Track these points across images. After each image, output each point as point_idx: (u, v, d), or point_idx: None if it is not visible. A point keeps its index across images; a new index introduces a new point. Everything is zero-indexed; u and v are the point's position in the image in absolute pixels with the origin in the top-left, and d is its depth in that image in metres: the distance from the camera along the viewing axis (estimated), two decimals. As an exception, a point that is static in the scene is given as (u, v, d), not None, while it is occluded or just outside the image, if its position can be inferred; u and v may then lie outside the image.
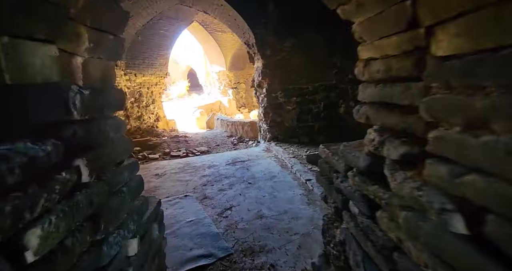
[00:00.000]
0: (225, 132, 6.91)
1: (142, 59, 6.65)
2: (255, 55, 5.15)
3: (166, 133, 6.79)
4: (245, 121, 6.13)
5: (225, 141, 6.21)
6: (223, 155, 4.51)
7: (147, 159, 4.67)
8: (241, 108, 11.17)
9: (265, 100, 5.03)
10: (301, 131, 4.95)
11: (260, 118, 5.51)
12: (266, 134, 5.20)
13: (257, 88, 5.38)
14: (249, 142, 5.89)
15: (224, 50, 10.00)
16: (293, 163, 3.53)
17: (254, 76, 5.47)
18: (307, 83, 4.84)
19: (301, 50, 4.66)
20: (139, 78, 6.72)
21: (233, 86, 11.07)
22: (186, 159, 4.52)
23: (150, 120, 7.27)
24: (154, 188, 3.13)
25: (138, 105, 6.77)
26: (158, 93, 7.52)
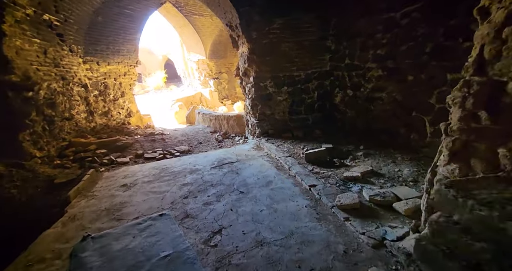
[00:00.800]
0: (208, 127, 6.22)
1: (106, 45, 5.67)
2: (239, 38, 4.48)
3: (139, 131, 5.96)
4: (230, 115, 5.49)
5: (208, 137, 5.54)
6: (207, 155, 3.88)
7: (115, 163, 3.91)
8: (224, 100, 10.43)
9: (253, 90, 4.42)
10: (293, 125, 4.44)
11: (248, 112, 4.91)
12: (255, 129, 4.63)
13: (243, 77, 4.74)
14: (235, 138, 5.28)
15: (202, 36, 9.10)
16: (290, 163, 3.01)
17: (239, 64, 4.80)
18: (299, 70, 4.29)
19: (291, 32, 4.06)
20: (103, 68, 5.76)
21: (215, 77, 10.25)
22: (163, 161, 3.83)
23: (120, 117, 6.37)
24: (120, 205, 2.46)
25: (103, 99, 5.84)
26: (128, 84, 6.58)
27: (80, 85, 5.02)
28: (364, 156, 2.96)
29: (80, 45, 4.98)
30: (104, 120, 5.85)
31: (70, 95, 4.64)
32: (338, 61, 4.05)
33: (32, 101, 3.47)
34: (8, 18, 3.01)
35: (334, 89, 4.26)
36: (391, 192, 1.98)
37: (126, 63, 6.44)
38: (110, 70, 5.98)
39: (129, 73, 6.56)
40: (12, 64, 3.13)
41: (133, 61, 6.61)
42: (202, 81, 10.35)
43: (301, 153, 3.33)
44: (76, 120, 4.82)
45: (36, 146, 3.56)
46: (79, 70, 5.03)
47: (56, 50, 4.23)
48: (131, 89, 6.74)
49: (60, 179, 2.93)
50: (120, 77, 6.32)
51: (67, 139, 4.40)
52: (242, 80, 4.91)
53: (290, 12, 3.89)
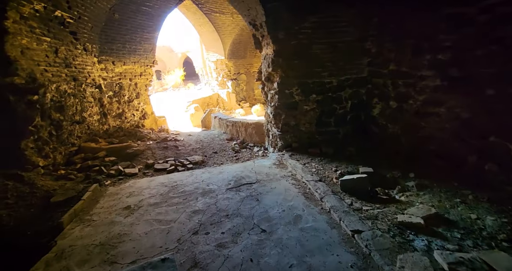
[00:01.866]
0: (224, 134, 5.80)
1: (122, 44, 5.41)
2: (263, 39, 3.98)
3: (152, 135, 5.66)
4: (248, 122, 5.02)
5: (224, 146, 5.11)
6: (222, 171, 3.43)
7: (123, 175, 3.57)
8: (241, 102, 10.00)
9: (276, 98, 3.91)
10: (321, 138, 3.88)
11: (269, 120, 4.41)
12: (277, 141, 4.12)
13: (266, 83, 4.24)
14: (254, 148, 4.81)
15: (222, 35, 8.70)
16: (322, 191, 2.47)
17: (262, 67, 4.31)
18: (331, 76, 3.72)
19: (324, 32, 3.50)
20: (119, 68, 5.50)
21: (233, 77, 9.84)
22: (174, 175, 3.43)
23: (134, 119, 6.12)
24: (117, 239, 2.05)
25: (118, 100, 5.59)
26: (143, 85, 6.32)
27: (94, 86, 4.77)
28: (417, 187, 2.36)
29: (95, 44, 4.73)
30: (117, 122, 5.61)
31: (82, 97, 4.39)
32: (379, 66, 3.43)
33: (37, 105, 3.19)
34: (12, 14, 2.72)
35: (371, 99, 3.64)
36: (480, 258, 1.40)
37: (143, 63, 6.16)
38: (126, 70, 5.72)
39: (145, 74, 6.29)
40: (16, 65, 2.84)
41: (149, 61, 6.33)
42: (220, 82, 9.98)
43: (334, 177, 2.77)
44: (88, 123, 4.57)
45: (40, 153, 3.28)
46: (93, 70, 4.78)
47: (69, 49, 3.97)
48: (146, 90, 6.47)
49: (58, 197, 2.60)
50: (136, 77, 6.06)
51: (76, 144, 4.14)
52: (264, 86, 4.41)
53: (326, 8, 3.33)
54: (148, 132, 5.81)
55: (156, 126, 6.69)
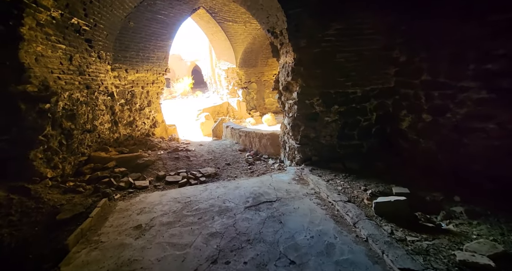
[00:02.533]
0: (237, 144, 5.59)
1: (136, 51, 5.36)
2: (282, 47, 3.82)
3: (163, 145, 5.50)
4: (263, 133, 4.81)
5: (237, 157, 4.89)
6: (238, 186, 3.19)
7: (133, 187, 3.38)
8: (251, 111, 9.85)
9: (295, 108, 3.70)
10: (343, 152, 3.62)
11: (285, 132, 4.19)
12: (295, 154, 3.88)
13: (283, 92, 4.04)
14: (269, 161, 4.57)
15: (234, 43, 8.67)
16: (354, 215, 2.20)
17: (279, 76, 4.13)
18: (355, 86, 3.50)
19: (349, 39, 3.31)
20: (132, 75, 5.43)
21: (243, 86, 9.74)
22: (186, 190, 3.21)
23: (145, 127, 6.00)
24: (128, 265, 1.83)
25: (129, 108, 5.49)
26: (155, 93, 6.23)
27: (106, 94, 4.68)
28: (467, 214, 2.06)
29: (109, 51, 4.67)
30: (128, 130, 5.49)
31: (94, 105, 4.28)
32: (408, 76, 3.19)
33: (48, 114, 3.07)
34: (28, 20, 2.63)
35: (399, 111, 3.38)
36: None
37: (155, 71, 6.10)
38: (138, 78, 5.65)
39: (157, 82, 6.22)
40: (29, 73, 2.73)
41: (162, 69, 6.27)
42: (231, 90, 9.88)
43: (365, 198, 2.50)
44: (99, 131, 4.45)
45: (49, 164, 3.13)
46: (106, 78, 4.70)
47: (83, 57, 3.89)
48: (158, 98, 6.38)
49: (65, 213, 2.41)
50: (148, 85, 5.98)
51: (86, 153, 3.99)
52: (281, 95, 4.22)
53: (352, 14, 3.15)
54: (159, 141, 5.66)
55: (167, 135, 6.55)
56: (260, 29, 8.09)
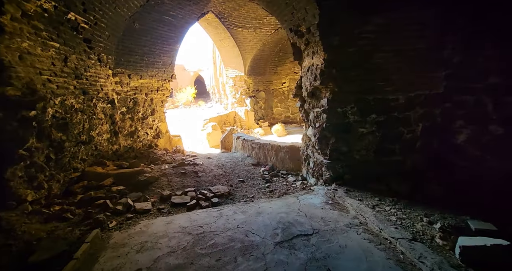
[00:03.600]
0: (249, 157, 5.03)
1: (140, 56, 4.92)
2: (308, 47, 3.34)
3: (167, 157, 4.95)
4: (281, 146, 4.26)
5: (251, 172, 4.31)
6: (261, 212, 2.61)
7: (132, 211, 2.80)
8: (260, 121, 9.35)
9: (324, 117, 3.17)
10: (382, 170, 3.05)
11: (309, 144, 3.64)
12: (322, 170, 3.31)
13: (308, 99, 3.53)
14: (288, 177, 3.98)
15: (243, 50, 8.30)
16: (433, 265, 1.60)
17: (303, 81, 3.64)
18: (396, 92, 2.97)
19: (391, 37, 2.82)
20: (135, 81, 4.97)
21: (252, 95, 9.30)
22: (197, 216, 2.63)
23: (148, 137, 5.47)
24: None
25: (131, 117, 4.98)
26: (159, 101, 5.75)
27: (106, 101, 4.19)
28: None
29: (111, 54, 4.22)
30: (129, 141, 4.95)
31: (91, 113, 3.78)
32: (465, 80, 2.67)
33: (33, 123, 2.55)
34: (10, 9, 2.16)
35: (452, 122, 2.83)
36: None
37: (160, 77, 5.65)
38: (142, 85, 5.19)
39: (162, 89, 5.75)
40: (9, 72, 2.24)
41: (168, 75, 5.82)
42: (238, 99, 9.44)
43: (437, 236, 1.90)
44: (96, 143, 3.91)
45: (31, 183, 2.57)
46: (107, 84, 4.23)
47: (81, 59, 3.43)
48: (162, 106, 5.90)
49: (41, 254, 1.82)
50: (152, 92, 5.51)
51: (79, 169, 3.44)
52: (304, 103, 3.71)
53: (396, 7, 2.68)
54: (162, 153, 5.11)
55: (171, 147, 6.01)
56: (271, 35, 7.75)
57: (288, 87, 10.13)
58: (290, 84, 10.13)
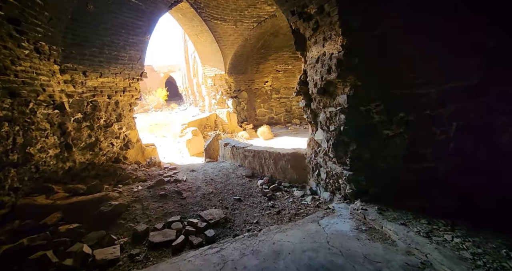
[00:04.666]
0: (241, 167, 4.28)
1: (99, 48, 3.91)
2: (318, 31, 2.71)
3: (141, 173, 4.00)
4: (281, 153, 3.59)
5: (247, 187, 3.58)
6: (279, 252, 1.90)
7: (91, 265, 1.90)
8: (243, 123, 8.62)
9: (342, 118, 2.57)
10: (412, 180, 2.52)
11: (319, 151, 3.03)
12: (339, 183, 2.71)
13: (318, 97, 2.91)
14: (293, 191, 3.33)
15: (223, 46, 7.51)
16: None
17: (310, 75, 3.01)
18: (425, 84, 2.46)
19: (421, 17, 2.30)
20: (93, 80, 3.95)
21: (233, 95, 8.53)
22: (189, 264, 1.83)
23: (113, 149, 4.44)
24: None
25: (90, 125, 3.95)
26: (127, 104, 4.75)
27: (51, 105, 3.16)
28: None
29: (55, 44, 3.20)
30: (88, 156, 3.91)
31: (28, 123, 2.75)
32: (509, 68, 2.24)
33: None
34: None
35: (492, 120, 2.40)
36: None
37: (127, 75, 4.65)
38: (103, 85, 4.17)
39: (130, 89, 4.75)
40: None
41: (136, 73, 4.84)
42: (219, 100, 8.60)
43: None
44: (37, 162, 2.89)
45: None
46: (52, 83, 3.20)
47: (4, 46, 2.41)
48: (131, 111, 4.89)
49: None
50: (117, 94, 4.50)
51: (7, 203, 2.41)
52: (311, 102, 3.09)
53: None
54: (134, 169, 4.14)
55: (144, 158, 5.02)
56: (253, 29, 7.07)
57: (271, 86, 9.55)
58: (273, 83, 9.57)
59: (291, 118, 9.92)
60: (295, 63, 9.38)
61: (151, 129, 9.69)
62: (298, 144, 7.21)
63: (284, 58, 9.11)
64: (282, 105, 9.80)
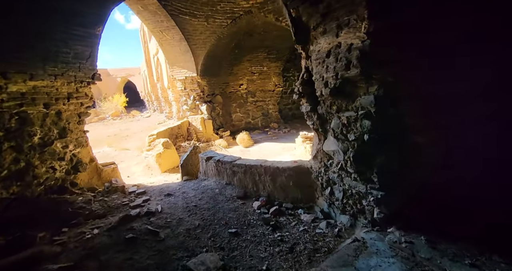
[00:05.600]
0: (228, 186, 3.55)
1: (25, 40, 2.86)
2: (328, 18, 2.17)
3: (97, 206, 3.00)
4: (279, 167, 2.98)
5: (241, 212, 2.87)
6: None
7: None
8: (219, 130, 7.83)
9: (366, 125, 2.05)
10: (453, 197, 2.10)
11: (330, 164, 2.50)
12: (363, 204, 2.21)
13: (330, 99, 2.36)
14: (300, 214, 2.73)
15: (193, 45, 6.68)
16: None
17: (318, 72, 2.45)
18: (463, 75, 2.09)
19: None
20: (18, 84, 2.87)
21: (207, 100, 7.70)
22: None
23: (56, 175, 3.33)
24: None
25: (15, 145, 2.84)
26: (74, 115, 3.67)
27: None
28: None
29: None
30: (14, 188, 2.80)
31: None
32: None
33: None
34: None
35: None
36: None
37: (73, 78, 3.60)
38: (36, 90, 3.09)
39: (77, 95, 3.69)
40: None
41: (86, 74, 3.79)
42: (191, 106, 7.67)
43: None
44: None
45: None
46: None
47: None
48: (80, 123, 3.81)
49: None
50: (59, 102, 3.42)
51: None
52: (317, 105, 2.54)
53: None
54: (87, 200, 3.11)
55: (101, 182, 3.95)
56: (227, 26, 6.39)
57: (246, 89, 8.94)
58: (248, 86, 8.98)
59: (268, 122, 9.43)
60: (270, 64, 8.94)
61: (109, 141, 8.29)
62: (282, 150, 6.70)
63: (259, 59, 8.60)
64: (259, 109, 9.26)
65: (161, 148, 5.13)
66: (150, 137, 5.67)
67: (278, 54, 8.67)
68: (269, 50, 8.30)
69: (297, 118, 10.27)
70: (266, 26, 6.85)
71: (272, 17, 5.70)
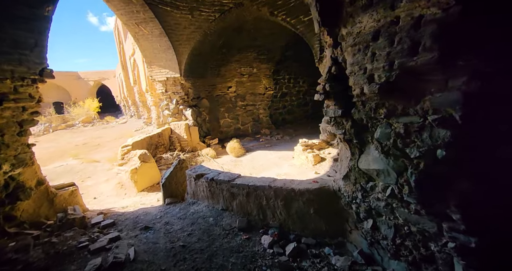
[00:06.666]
0: (225, 212, 2.77)
1: None
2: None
3: (37, 254, 2.07)
4: (295, 189, 2.27)
5: (248, 255, 2.09)
6: None
7: None
8: (206, 138, 6.98)
9: (439, 135, 1.40)
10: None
11: (370, 188, 1.82)
12: (432, 250, 1.52)
13: (378, 100, 1.69)
14: (327, 254, 2.02)
15: (176, 41, 5.85)
16: None
17: (352, 63, 1.78)
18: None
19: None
20: None
21: (192, 104, 6.84)
22: None
23: (-20, 210, 2.34)
24: None
25: None
26: (13, 124, 2.71)
27: None
28: None
29: None
30: None
31: None
32: None
33: None
34: None
35: None
36: None
37: (9, 73, 2.65)
38: None
39: (16, 97, 2.74)
40: None
41: (31, 68, 2.86)
42: (173, 111, 6.76)
43: None
44: None
45: None
46: None
47: None
48: (24, 135, 2.84)
49: None
50: (-13, 105, 2.45)
51: None
52: (353, 109, 1.87)
53: None
54: (25, 245, 2.15)
55: (54, 212, 2.97)
56: (215, 20, 5.65)
57: (235, 92, 8.20)
58: (237, 89, 8.25)
59: (259, 128, 8.73)
60: (261, 66, 8.31)
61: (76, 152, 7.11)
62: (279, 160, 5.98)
63: (249, 60, 7.94)
64: (249, 114, 8.54)
65: (137, 161, 4.20)
66: (124, 148, 4.70)
67: (269, 55, 8.07)
68: (260, 50, 7.68)
69: (289, 124, 9.69)
70: (257, 23, 6.22)
71: (266, 10, 5.07)
